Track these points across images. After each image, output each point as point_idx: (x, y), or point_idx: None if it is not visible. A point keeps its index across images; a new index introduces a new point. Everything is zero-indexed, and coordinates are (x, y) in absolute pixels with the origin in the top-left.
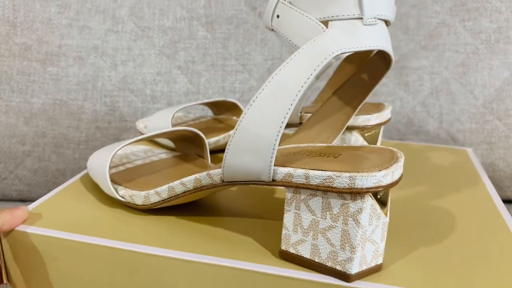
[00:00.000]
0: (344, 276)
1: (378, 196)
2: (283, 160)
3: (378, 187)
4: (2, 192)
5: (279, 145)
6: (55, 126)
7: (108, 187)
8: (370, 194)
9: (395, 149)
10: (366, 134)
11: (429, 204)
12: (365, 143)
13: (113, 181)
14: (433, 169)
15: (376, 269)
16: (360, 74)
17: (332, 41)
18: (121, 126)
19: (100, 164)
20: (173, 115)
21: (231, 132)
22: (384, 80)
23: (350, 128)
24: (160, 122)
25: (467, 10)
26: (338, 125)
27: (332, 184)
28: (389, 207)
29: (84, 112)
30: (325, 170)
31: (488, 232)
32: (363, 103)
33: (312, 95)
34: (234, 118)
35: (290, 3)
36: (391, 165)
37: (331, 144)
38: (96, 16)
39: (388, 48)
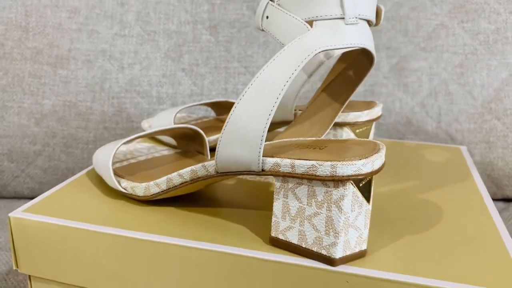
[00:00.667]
0: (329, 260)
1: (360, 185)
2: (272, 151)
3: (358, 175)
4: (14, 190)
5: (271, 139)
6: (64, 127)
7: (112, 180)
8: (352, 182)
9: (378, 142)
10: (357, 131)
11: (417, 197)
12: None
13: (117, 174)
14: (425, 165)
15: (360, 255)
16: (346, 71)
17: (315, 40)
18: (128, 127)
19: (104, 158)
20: (175, 115)
21: None
22: (383, 81)
23: (342, 124)
24: (163, 121)
25: (465, 12)
26: (327, 120)
27: (316, 172)
28: (372, 195)
29: (92, 113)
30: (309, 160)
31: (472, 223)
32: (349, 98)
33: (310, 95)
34: None
35: (278, 4)
36: (371, 155)
37: (320, 138)
38: (104, 21)
39: (370, 46)
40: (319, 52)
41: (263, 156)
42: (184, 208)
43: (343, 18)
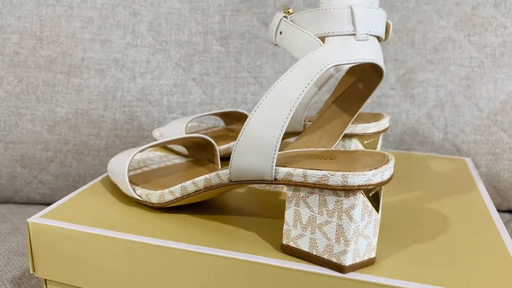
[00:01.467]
0: (339, 268)
1: (370, 195)
2: (284, 161)
3: (369, 185)
4: (26, 196)
5: (282, 149)
6: (76, 134)
7: (127, 187)
8: (362, 191)
9: (386, 153)
10: (366, 142)
11: (424, 207)
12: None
13: (132, 182)
14: (431, 176)
15: (369, 263)
16: (357, 85)
17: (327, 55)
18: (139, 135)
19: (119, 166)
20: (187, 124)
21: None
22: (390, 92)
23: (350, 136)
24: (175, 130)
25: (472, 25)
26: (337, 132)
27: (327, 182)
28: (381, 205)
29: (104, 121)
30: (321, 170)
31: (477, 233)
32: (359, 111)
33: (318, 106)
34: None
35: (291, 21)
36: (381, 166)
37: (330, 149)
38: (117, 30)
39: (379, 61)
40: (331, 67)
41: (276, 166)
42: (197, 215)
43: (354, 34)
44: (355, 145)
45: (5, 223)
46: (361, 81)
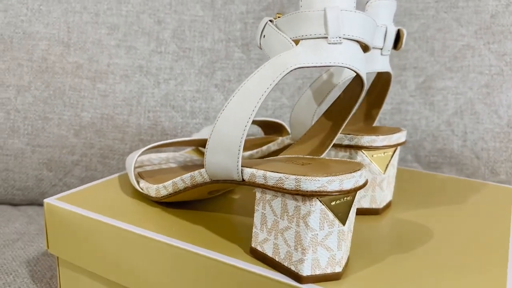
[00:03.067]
0: (297, 277)
1: (333, 203)
2: (253, 163)
3: (323, 191)
4: None
5: (277, 155)
6: (102, 138)
7: (132, 179)
8: (319, 199)
9: (362, 164)
10: (374, 155)
11: (437, 234)
12: (373, 165)
13: (140, 175)
14: (464, 202)
15: (333, 277)
16: (344, 94)
17: (293, 57)
18: (162, 139)
19: (129, 160)
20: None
21: (264, 147)
22: (410, 99)
23: (356, 147)
24: (206, 135)
25: (492, 33)
26: (326, 141)
27: (283, 185)
28: (350, 217)
29: (129, 125)
30: (278, 172)
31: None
32: (346, 121)
33: None
34: (280, 138)
35: (275, 25)
36: (340, 174)
37: (315, 157)
38: (141, 37)
39: (356, 67)
40: (297, 68)
41: (244, 167)
42: (194, 213)
43: (326, 37)
44: (361, 157)
45: (32, 224)
46: (346, 91)
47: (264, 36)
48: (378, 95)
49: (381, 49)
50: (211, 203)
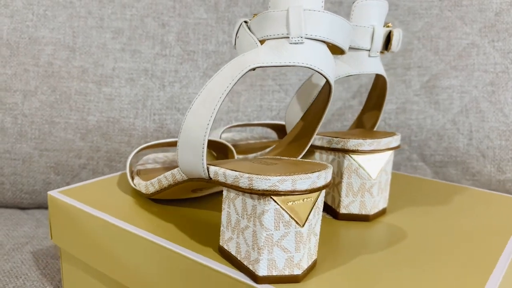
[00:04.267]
0: (254, 277)
1: (290, 204)
2: (222, 162)
3: (275, 191)
4: None
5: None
6: (108, 142)
7: (127, 175)
8: (273, 198)
9: (329, 165)
10: (364, 160)
11: (431, 244)
12: (362, 169)
13: (138, 172)
14: (470, 213)
15: (291, 279)
16: (318, 96)
17: (254, 56)
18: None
19: (128, 158)
20: (224, 130)
21: (266, 150)
22: (414, 98)
23: (342, 151)
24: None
25: (496, 31)
26: (303, 143)
27: (238, 183)
28: (311, 220)
29: (135, 128)
30: (236, 171)
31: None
32: (320, 123)
33: (346, 114)
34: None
35: (248, 26)
36: (293, 174)
37: (291, 158)
38: (146, 41)
39: (319, 67)
40: (255, 68)
41: (211, 165)
42: (178, 209)
43: (288, 37)
44: (348, 161)
45: (41, 228)
46: (320, 93)
47: (238, 37)
48: (377, 99)
49: (369, 50)
50: (202, 202)
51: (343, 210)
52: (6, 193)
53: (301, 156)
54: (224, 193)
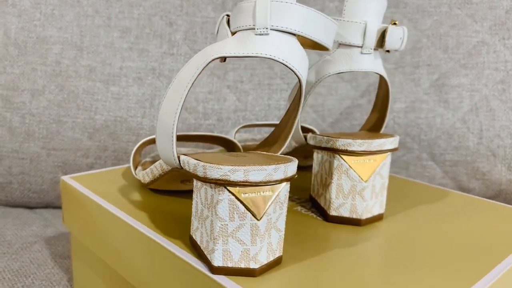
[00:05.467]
0: (210, 267)
1: (244, 195)
2: (195, 153)
3: (226, 180)
4: None
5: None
6: (115, 141)
7: (130, 166)
8: (227, 188)
9: (293, 159)
10: (355, 161)
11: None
12: (352, 171)
13: (144, 164)
14: (469, 220)
15: (247, 273)
16: (295, 91)
17: (219, 47)
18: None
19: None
20: (237, 130)
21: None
22: (424, 97)
23: (332, 150)
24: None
25: (506, 29)
26: (282, 140)
27: (196, 172)
28: (271, 214)
29: (142, 128)
30: (196, 160)
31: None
32: (296, 119)
33: (355, 113)
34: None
35: (227, 20)
36: (247, 165)
37: (270, 153)
38: (153, 40)
39: (280, 58)
40: (219, 57)
41: (185, 155)
42: (177, 200)
43: (253, 28)
44: (338, 162)
45: (49, 227)
46: (296, 89)
47: (218, 30)
48: (382, 100)
49: (361, 47)
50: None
51: (333, 212)
52: (14, 192)
53: (280, 152)
54: (194, 183)
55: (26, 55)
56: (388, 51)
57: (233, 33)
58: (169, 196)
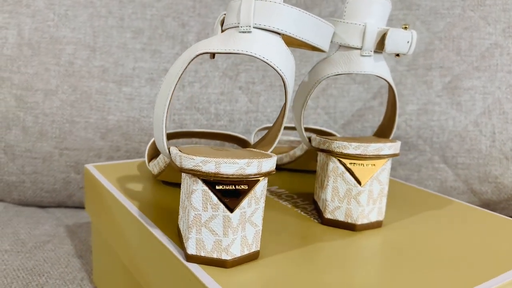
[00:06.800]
0: (185, 254)
1: (218, 187)
2: (184, 146)
3: (198, 171)
4: (79, 200)
5: (301, 160)
6: (128, 141)
7: (145, 159)
8: (201, 178)
9: (272, 155)
10: (352, 165)
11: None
12: (348, 174)
13: (157, 157)
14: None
15: (219, 263)
16: (285, 91)
17: (205, 44)
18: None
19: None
20: (254, 136)
21: (290, 152)
22: (436, 99)
23: (328, 152)
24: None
25: None
26: (272, 139)
27: (175, 162)
28: (246, 209)
29: None
30: (178, 151)
31: None
32: (284, 119)
33: (367, 115)
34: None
35: (223, 19)
36: (218, 157)
37: (261, 151)
38: (166, 41)
39: (261, 55)
40: (201, 54)
41: (172, 146)
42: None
43: (237, 26)
44: (334, 164)
45: (61, 226)
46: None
47: (214, 28)
48: (392, 104)
49: (360, 49)
50: None
51: (328, 215)
52: (27, 192)
53: (270, 150)
54: (182, 174)
55: (39, 55)
56: (398, 55)
57: (223, 31)
58: (177, 188)
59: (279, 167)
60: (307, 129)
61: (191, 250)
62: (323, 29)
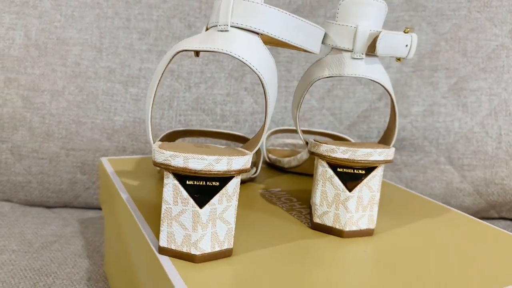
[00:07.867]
0: (158, 246)
1: (190, 183)
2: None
3: (167, 165)
4: (85, 201)
5: (307, 163)
6: (134, 142)
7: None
8: (171, 172)
9: (247, 153)
10: (341, 170)
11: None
12: (336, 179)
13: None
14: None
15: (188, 258)
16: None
17: (187, 42)
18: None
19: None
20: (268, 136)
21: (298, 156)
22: (442, 101)
23: (317, 156)
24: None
25: None
26: (257, 139)
27: (153, 157)
28: (216, 205)
29: (161, 129)
30: (156, 145)
31: None
32: (268, 120)
33: (372, 116)
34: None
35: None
36: (188, 153)
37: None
38: (172, 42)
39: (236, 53)
40: (181, 51)
41: (158, 141)
42: None
43: (217, 25)
44: (322, 168)
45: (68, 226)
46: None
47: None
48: (391, 109)
49: (351, 51)
50: None
51: (317, 220)
52: (33, 192)
53: (254, 151)
54: None
55: (46, 56)
56: (399, 59)
57: (207, 29)
58: None
59: (287, 170)
60: (322, 134)
61: (162, 243)
62: (308, 30)
